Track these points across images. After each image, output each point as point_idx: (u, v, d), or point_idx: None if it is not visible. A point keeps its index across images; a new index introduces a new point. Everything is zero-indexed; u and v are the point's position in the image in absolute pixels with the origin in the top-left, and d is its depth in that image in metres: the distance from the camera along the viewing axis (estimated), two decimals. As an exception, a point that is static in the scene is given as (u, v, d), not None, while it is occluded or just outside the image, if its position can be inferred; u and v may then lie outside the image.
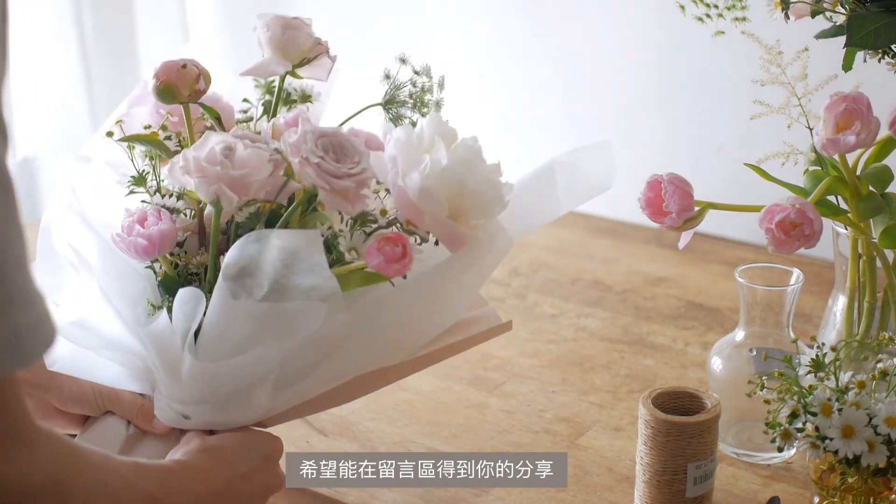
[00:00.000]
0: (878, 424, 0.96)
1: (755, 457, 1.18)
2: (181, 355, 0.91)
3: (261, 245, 0.88)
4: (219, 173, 0.90)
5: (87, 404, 0.99)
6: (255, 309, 0.89)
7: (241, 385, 0.92)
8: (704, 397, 1.08)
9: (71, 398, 0.99)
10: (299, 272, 0.88)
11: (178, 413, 0.94)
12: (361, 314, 0.93)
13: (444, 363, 1.39)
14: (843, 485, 1.01)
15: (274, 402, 0.94)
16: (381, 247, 0.89)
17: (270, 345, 0.90)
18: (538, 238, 1.73)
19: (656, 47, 1.82)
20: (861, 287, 1.15)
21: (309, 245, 0.88)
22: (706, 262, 1.64)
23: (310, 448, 1.23)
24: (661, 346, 1.42)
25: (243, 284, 0.89)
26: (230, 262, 0.89)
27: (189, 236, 0.98)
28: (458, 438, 1.24)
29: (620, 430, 1.25)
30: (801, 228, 1.04)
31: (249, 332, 0.90)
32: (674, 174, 1.10)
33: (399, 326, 0.96)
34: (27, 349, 0.66)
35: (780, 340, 1.16)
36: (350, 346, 0.94)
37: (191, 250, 0.97)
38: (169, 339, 0.91)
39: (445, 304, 0.99)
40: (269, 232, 0.89)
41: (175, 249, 0.96)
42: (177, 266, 0.96)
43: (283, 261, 0.88)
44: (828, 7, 1.11)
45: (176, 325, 0.91)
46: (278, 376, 0.92)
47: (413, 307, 0.95)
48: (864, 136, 1.04)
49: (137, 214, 0.95)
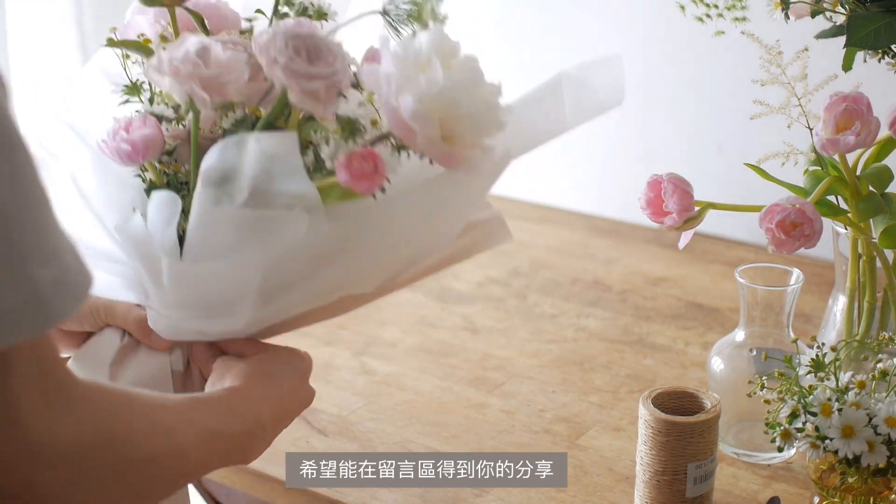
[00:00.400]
0: (878, 424, 0.96)
1: (755, 457, 1.18)
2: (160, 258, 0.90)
3: (240, 149, 0.87)
4: (191, 72, 0.89)
5: (84, 318, 0.98)
6: (236, 215, 0.87)
7: (223, 292, 0.91)
8: (704, 397, 1.08)
9: None
10: (278, 177, 0.87)
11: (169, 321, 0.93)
12: (347, 227, 0.90)
13: (444, 363, 1.39)
14: (843, 485, 1.01)
15: (259, 312, 0.92)
16: (350, 163, 0.88)
17: (252, 252, 0.88)
18: (538, 238, 1.73)
19: (656, 47, 1.82)
20: (861, 287, 1.15)
21: (285, 147, 0.87)
22: (706, 262, 1.64)
23: (310, 448, 1.23)
24: (661, 346, 1.42)
25: (224, 190, 0.87)
26: (209, 166, 0.87)
27: (179, 145, 0.96)
28: (458, 438, 1.24)
29: (620, 430, 1.25)
30: (801, 228, 1.04)
31: (231, 239, 0.88)
32: (674, 174, 1.10)
33: (389, 242, 0.94)
34: (51, 309, 0.65)
35: (780, 340, 1.16)
36: (338, 261, 0.91)
37: (180, 159, 0.96)
38: (146, 242, 0.90)
39: (439, 221, 0.96)
40: (247, 135, 0.88)
41: (164, 158, 0.95)
42: (167, 175, 0.95)
43: (261, 165, 0.86)
44: (828, 7, 1.11)
45: (152, 228, 0.90)
46: (262, 286, 0.91)
47: (403, 223, 0.93)
48: (864, 136, 1.04)
49: (123, 121, 0.94)
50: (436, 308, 1.53)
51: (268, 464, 1.20)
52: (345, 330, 1.47)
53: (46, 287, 0.65)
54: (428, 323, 1.49)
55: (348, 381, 1.36)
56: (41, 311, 0.65)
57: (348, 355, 1.42)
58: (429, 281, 1.60)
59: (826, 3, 1.11)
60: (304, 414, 1.28)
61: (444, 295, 1.56)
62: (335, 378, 1.37)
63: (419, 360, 1.40)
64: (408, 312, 1.52)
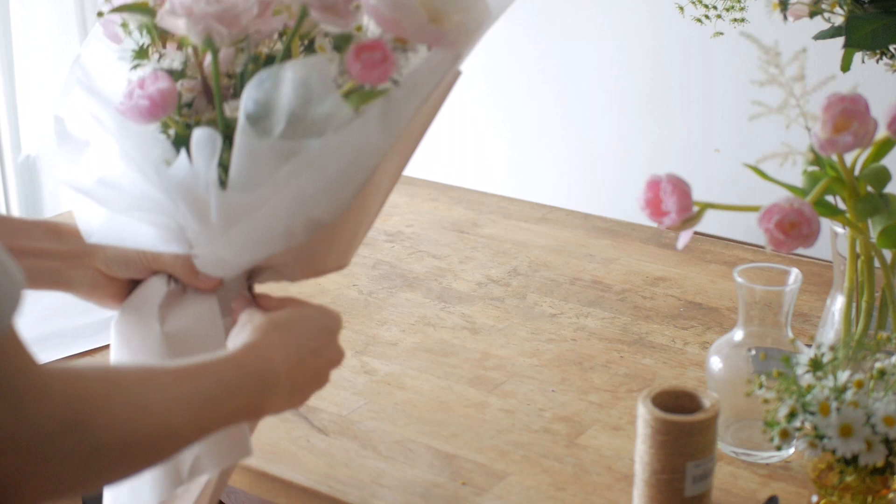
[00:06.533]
0: (876, 423, 0.96)
1: (754, 456, 1.19)
2: (206, 196, 0.92)
3: (273, 81, 0.90)
4: (204, 9, 0.91)
5: (131, 264, 1.00)
6: (276, 146, 0.91)
7: (268, 219, 0.94)
8: (703, 396, 1.09)
9: (116, 260, 1.00)
10: (312, 101, 0.90)
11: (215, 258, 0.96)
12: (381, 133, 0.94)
13: (444, 363, 1.39)
14: (841, 483, 1.01)
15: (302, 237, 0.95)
16: (358, 54, 0.90)
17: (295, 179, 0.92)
18: (538, 238, 1.73)
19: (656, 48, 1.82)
20: (859, 287, 1.15)
21: (319, 69, 0.91)
22: (705, 262, 1.65)
23: (310, 447, 1.23)
24: (660, 346, 1.43)
25: (262, 124, 0.91)
26: (247, 101, 0.91)
27: (196, 97, 0.99)
28: (458, 438, 1.25)
29: (619, 429, 1.26)
30: (800, 228, 1.04)
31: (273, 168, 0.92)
32: (673, 174, 1.10)
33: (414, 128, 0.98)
34: None
35: (778, 340, 1.17)
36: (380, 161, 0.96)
37: (199, 110, 0.98)
38: (191, 182, 0.93)
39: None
40: (279, 66, 0.91)
41: (183, 111, 0.97)
42: (189, 126, 0.97)
43: (297, 92, 0.90)
44: (826, 8, 1.11)
45: (196, 166, 0.93)
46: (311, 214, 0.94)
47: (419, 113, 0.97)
48: (861, 136, 1.04)
49: (137, 80, 0.96)
50: (436, 308, 1.53)
51: (268, 463, 1.20)
52: (345, 329, 1.48)
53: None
54: (428, 322, 1.49)
55: (348, 381, 1.36)
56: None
57: (348, 354, 1.42)
58: (429, 281, 1.60)
59: (824, 4, 1.11)
60: (304, 413, 1.29)
61: (444, 295, 1.56)
62: (335, 377, 1.37)
63: (419, 360, 1.41)
64: (408, 312, 1.52)
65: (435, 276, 1.62)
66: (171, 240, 0.98)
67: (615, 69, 2.06)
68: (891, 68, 1.12)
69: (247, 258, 0.97)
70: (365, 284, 1.60)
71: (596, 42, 1.90)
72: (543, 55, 2.11)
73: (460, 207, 1.85)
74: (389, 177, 1.01)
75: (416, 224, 1.80)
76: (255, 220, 0.94)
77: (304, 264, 1.00)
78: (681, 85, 1.81)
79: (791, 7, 1.13)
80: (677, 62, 1.79)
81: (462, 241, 1.73)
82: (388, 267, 1.65)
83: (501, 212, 1.83)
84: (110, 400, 0.75)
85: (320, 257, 1.00)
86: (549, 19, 2.00)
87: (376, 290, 1.58)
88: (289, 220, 0.94)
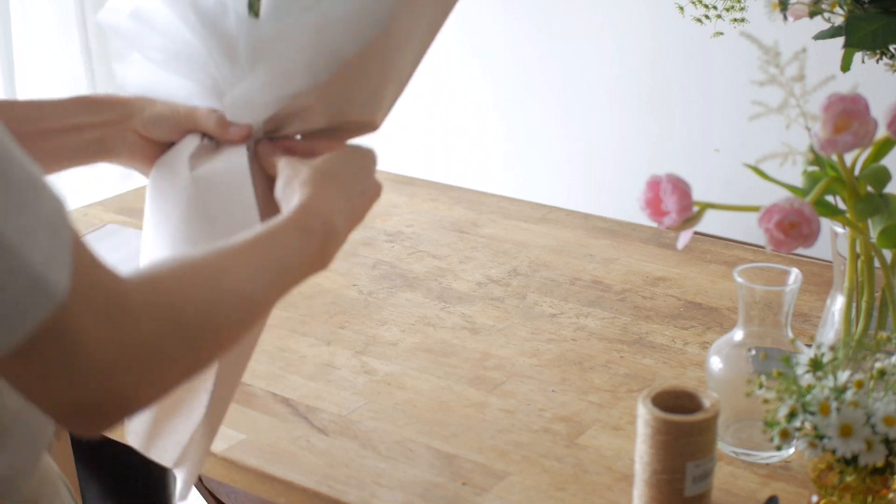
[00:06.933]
0: (876, 423, 0.96)
1: (754, 456, 1.19)
2: (233, 29, 0.97)
3: None
4: None
5: (166, 123, 1.03)
6: None
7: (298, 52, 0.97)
8: (703, 396, 1.09)
9: (152, 120, 1.03)
10: None
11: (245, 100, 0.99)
12: None
13: (444, 363, 1.39)
14: (841, 483, 1.01)
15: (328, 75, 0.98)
16: None
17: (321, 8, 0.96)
18: (538, 238, 1.73)
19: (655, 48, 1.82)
20: (859, 287, 1.15)
21: None
22: (705, 262, 1.65)
23: (310, 447, 1.23)
24: (660, 346, 1.43)
25: None
26: None
27: None
28: (458, 438, 1.25)
29: (619, 429, 1.26)
30: (800, 228, 1.04)
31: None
32: (673, 174, 1.10)
33: None
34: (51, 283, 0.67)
35: (778, 340, 1.17)
36: None
37: None
38: (220, 14, 0.97)
39: None
40: None
41: None
42: None
43: None
44: (826, 8, 1.11)
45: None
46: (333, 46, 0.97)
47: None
48: (861, 136, 1.04)
49: None
50: (436, 308, 1.53)
51: (268, 463, 1.20)
52: (345, 329, 1.48)
53: (41, 266, 0.67)
54: (428, 323, 1.49)
55: (348, 381, 1.36)
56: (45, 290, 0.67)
57: (349, 354, 1.42)
58: (429, 281, 1.60)
59: (824, 4, 1.11)
60: (303, 413, 1.29)
61: (444, 295, 1.57)
62: (335, 377, 1.37)
63: (419, 360, 1.41)
64: (408, 312, 1.52)
65: (435, 276, 1.62)
66: (204, 95, 1.02)
67: (615, 69, 2.06)
68: (891, 68, 1.12)
69: (273, 96, 0.99)
70: (365, 284, 1.60)
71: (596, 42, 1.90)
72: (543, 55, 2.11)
73: (460, 207, 1.85)
74: (417, 32, 1.03)
75: (416, 224, 1.80)
76: (280, 53, 0.97)
77: (330, 108, 1.02)
78: (681, 85, 1.81)
79: (791, 7, 1.13)
80: (677, 62, 1.79)
81: (462, 241, 1.73)
82: (388, 267, 1.65)
83: (501, 212, 1.83)
84: (194, 291, 0.78)
85: (346, 100, 1.02)
86: (549, 19, 2.00)
87: (376, 290, 1.58)
88: (312, 52, 0.97)
